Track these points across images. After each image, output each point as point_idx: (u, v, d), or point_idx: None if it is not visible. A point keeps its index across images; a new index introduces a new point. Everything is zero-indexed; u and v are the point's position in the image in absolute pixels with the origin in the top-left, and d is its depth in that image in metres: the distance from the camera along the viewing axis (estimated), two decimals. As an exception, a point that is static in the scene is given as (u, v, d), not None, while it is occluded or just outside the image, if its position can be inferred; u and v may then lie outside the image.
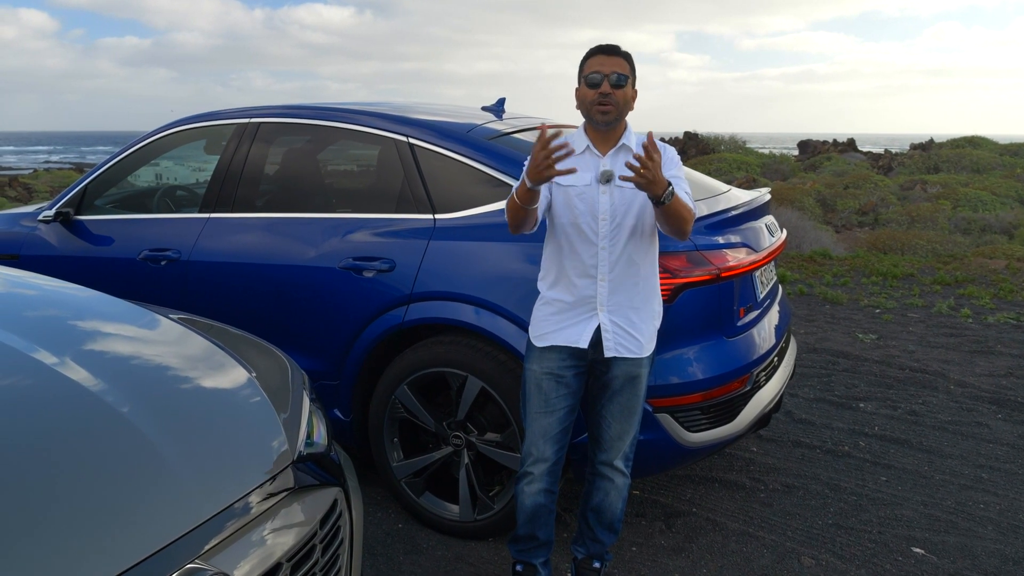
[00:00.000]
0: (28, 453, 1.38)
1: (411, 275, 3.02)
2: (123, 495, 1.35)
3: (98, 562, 1.22)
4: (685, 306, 2.77)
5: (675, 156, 2.43)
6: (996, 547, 3.07)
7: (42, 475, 1.33)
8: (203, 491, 1.44)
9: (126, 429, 1.48)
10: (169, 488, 1.41)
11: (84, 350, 1.78)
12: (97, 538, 1.26)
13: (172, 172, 9.42)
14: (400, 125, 3.29)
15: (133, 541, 1.28)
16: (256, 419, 1.71)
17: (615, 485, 2.54)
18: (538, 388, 2.46)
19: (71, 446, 1.42)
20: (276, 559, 1.46)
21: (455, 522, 3.08)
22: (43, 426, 1.46)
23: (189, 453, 1.50)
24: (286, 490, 1.59)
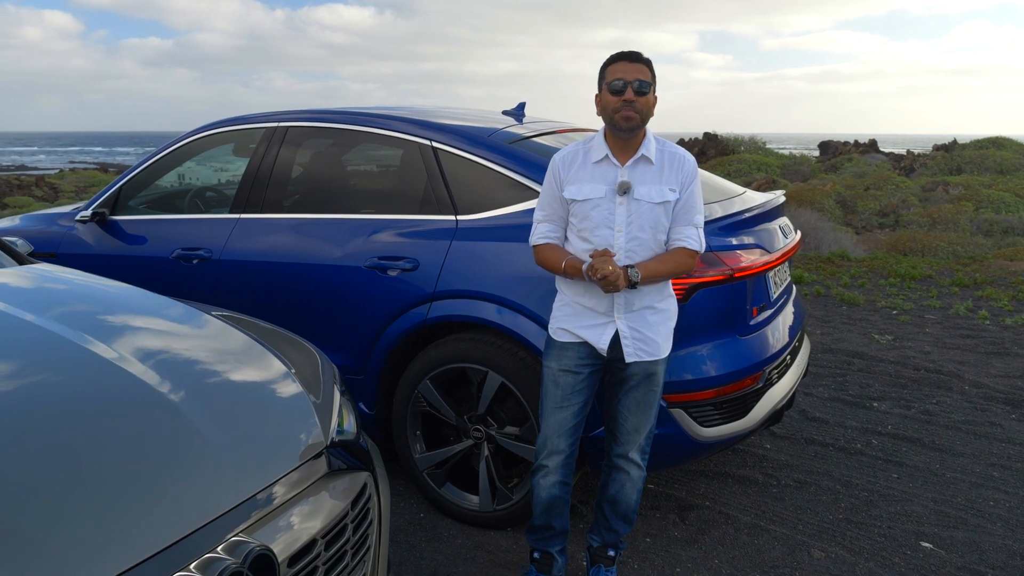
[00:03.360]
0: (88, 434, 1.50)
1: (434, 274, 3.13)
2: (174, 474, 1.47)
3: (153, 533, 1.34)
4: (699, 305, 2.87)
5: (692, 171, 2.50)
6: (1004, 543, 3.14)
7: (99, 455, 1.46)
8: (246, 472, 1.56)
9: (174, 414, 1.61)
10: (215, 469, 1.53)
11: (134, 342, 1.91)
12: (151, 512, 1.38)
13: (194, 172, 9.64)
14: (424, 129, 3.40)
15: (184, 515, 1.40)
16: (292, 408, 1.83)
17: (631, 477, 2.64)
18: (555, 384, 2.57)
19: (125, 429, 1.55)
20: (312, 535, 1.58)
21: (475, 512, 3.19)
22: (99, 410, 1.58)
23: (233, 437, 1.62)
24: (320, 473, 1.71)
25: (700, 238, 2.48)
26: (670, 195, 2.46)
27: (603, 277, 2.33)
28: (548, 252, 2.55)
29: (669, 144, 2.55)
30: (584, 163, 2.51)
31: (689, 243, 2.46)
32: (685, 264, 2.48)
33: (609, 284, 2.34)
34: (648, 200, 2.44)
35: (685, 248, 2.47)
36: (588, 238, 2.47)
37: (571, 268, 2.45)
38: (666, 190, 2.46)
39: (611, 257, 2.38)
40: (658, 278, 2.45)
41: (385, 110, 3.69)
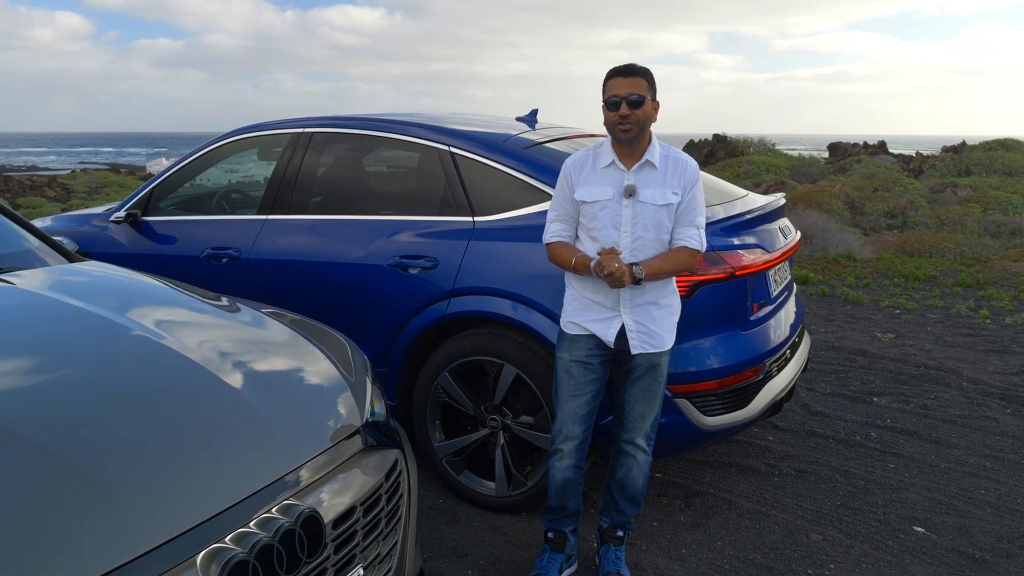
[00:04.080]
0: (157, 407, 1.70)
1: (453, 272, 3.32)
2: (233, 443, 1.67)
3: (219, 493, 1.53)
4: (702, 301, 3.05)
5: (694, 175, 2.68)
6: (993, 527, 3.30)
7: (169, 424, 1.65)
8: (294, 445, 1.76)
9: (231, 393, 1.80)
10: (269, 441, 1.73)
11: (186, 329, 2.11)
12: (217, 474, 1.57)
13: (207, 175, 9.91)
14: (442, 135, 3.59)
15: (243, 479, 1.59)
16: (332, 390, 2.03)
17: (637, 462, 2.83)
18: (568, 374, 2.75)
19: (188, 403, 1.75)
20: (352, 503, 1.77)
21: (491, 497, 3.38)
22: (164, 385, 1.78)
23: (283, 414, 1.82)
24: (357, 449, 1.90)
25: (701, 238, 2.66)
26: (672, 198, 2.64)
27: (609, 273, 2.51)
28: (560, 250, 2.73)
29: (673, 150, 2.73)
30: (593, 167, 2.69)
31: (691, 243, 2.64)
32: (687, 262, 2.66)
33: (615, 280, 2.52)
34: (652, 202, 2.62)
35: (687, 247, 2.65)
36: (596, 237, 2.65)
37: (580, 265, 2.64)
38: (669, 193, 2.64)
39: (617, 255, 2.56)
40: (661, 275, 2.63)
41: (404, 116, 3.88)
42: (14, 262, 2.54)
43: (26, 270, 2.49)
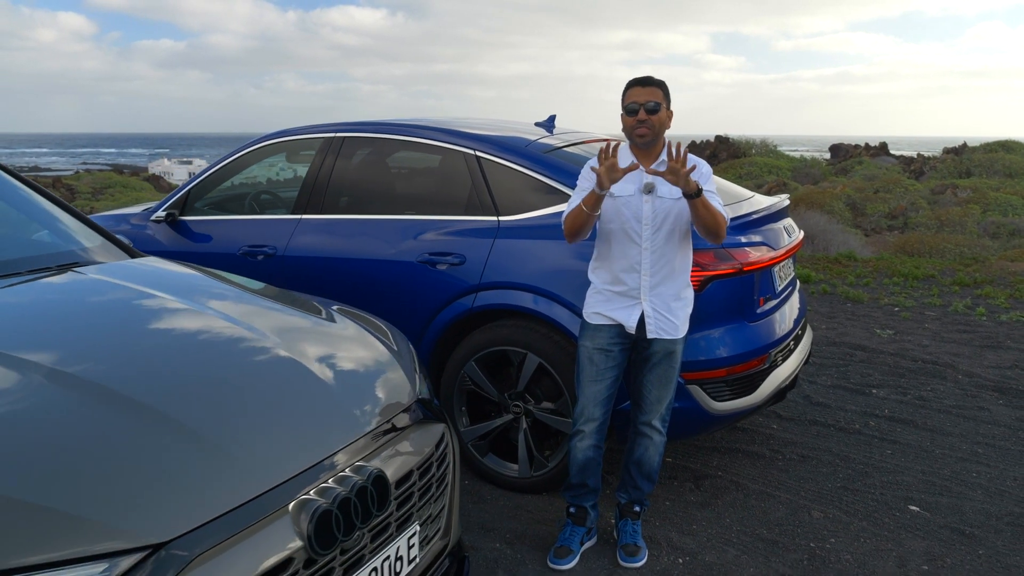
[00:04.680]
0: (247, 381, 1.95)
1: (479, 268, 3.57)
2: (313, 416, 1.92)
3: (305, 452, 1.78)
4: (712, 295, 3.29)
5: (708, 172, 2.93)
6: (983, 507, 3.54)
7: (257, 395, 1.90)
8: (361, 416, 2.00)
9: (307, 372, 2.05)
10: (339, 413, 1.98)
11: (255, 314, 2.36)
12: (301, 438, 1.82)
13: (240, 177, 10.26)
14: (468, 140, 3.84)
15: (322, 443, 1.84)
16: (388, 370, 2.27)
17: (653, 442, 3.07)
18: (590, 361, 3.00)
19: (270, 378, 1.99)
20: (410, 467, 2.01)
21: (514, 478, 3.62)
22: (249, 366, 2.03)
23: (348, 390, 2.06)
24: (411, 421, 2.15)
25: (725, 212, 2.85)
26: None
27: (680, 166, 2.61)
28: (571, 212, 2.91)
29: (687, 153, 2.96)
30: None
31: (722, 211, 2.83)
32: (723, 222, 2.81)
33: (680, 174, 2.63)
34: (669, 197, 2.86)
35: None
36: (622, 228, 2.88)
37: (590, 200, 2.77)
38: None
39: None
40: (708, 211, 2.74)
41: (432, 122, 4.13)
42: (85, 257, 2.78)
43: (95, 264, 2.73)
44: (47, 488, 1.44)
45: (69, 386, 1.74)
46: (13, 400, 1.68)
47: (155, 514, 1.48)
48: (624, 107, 2.86)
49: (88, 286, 2.47)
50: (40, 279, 2.48)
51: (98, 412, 1.67)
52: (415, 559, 2.04)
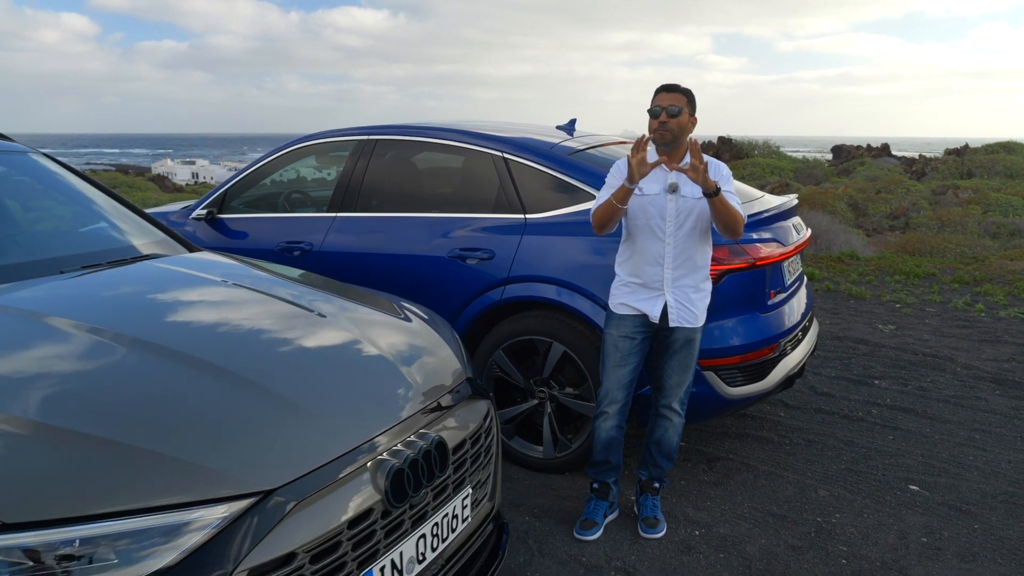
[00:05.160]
0: (322, 358, 2.20)
1: (507, 262, 3.81)
2: (382, 388, 2.17)
3: (379, 419, 2.03)
4: (727, 288, 3.53)
5: (728, 173, 3.17)
6: (978, 486, 3.79)
7: (333, 371, 2.15)
8: (422, 390, 2.25)
9: (375, 350, 2.30)
10: (404, 387, 2.22)
11: (322, 304, 2.61)
12: (375, 409, 2.07)
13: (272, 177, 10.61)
14: (496, 143, 4.08)
15: (392, 412, 2.09)
16: (441, 351, 2.52)
17: (672, 423, 3.31)
18: (615, 347, 3.24)
19: (340, 357, 2.24)
20: (463, 436, 2.26)
21: (539, 459, 3.86)
22: (325, 343, 2.28)
23: (411, 367, 2.31)
24: (464, 396, 2.40)
25: (743, 210, 3.09)
26: None
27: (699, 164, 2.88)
28: (601, 206, 3.16)
29: (708, 157, 3.21)
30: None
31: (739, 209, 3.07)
32: (740, 217, 3.05)
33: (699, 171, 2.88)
34: (692, 196, 3.11)
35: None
36: (648, 225, 3.12)
37: (619, 194, 3.02)
38: None
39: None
40: (726, 208, 2.99)
41: (459, 125, 4.37)
42: (154, 250, 3.03)
43: (164, 256, 2.98)
44: (177, 443, 1.69)
45: (176, 360, 2.00)
46: (134, 372, 1.94)
47: (263, 466, 1.73)
48: (649, 110, 3.10)
49: (166, 275, 2.73)
50: (121, 267, 2.73)
51: (205, 383, 1.93)
52: (467, 519, 2.29)
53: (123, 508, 1.53)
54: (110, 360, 1.98)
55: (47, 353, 2.00)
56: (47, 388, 1.81)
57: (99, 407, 1.76)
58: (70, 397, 1.79)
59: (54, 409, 1.72)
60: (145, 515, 1.54)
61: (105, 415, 1.73)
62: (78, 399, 1.79)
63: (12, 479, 1.52)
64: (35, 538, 1.45)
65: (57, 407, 1.73)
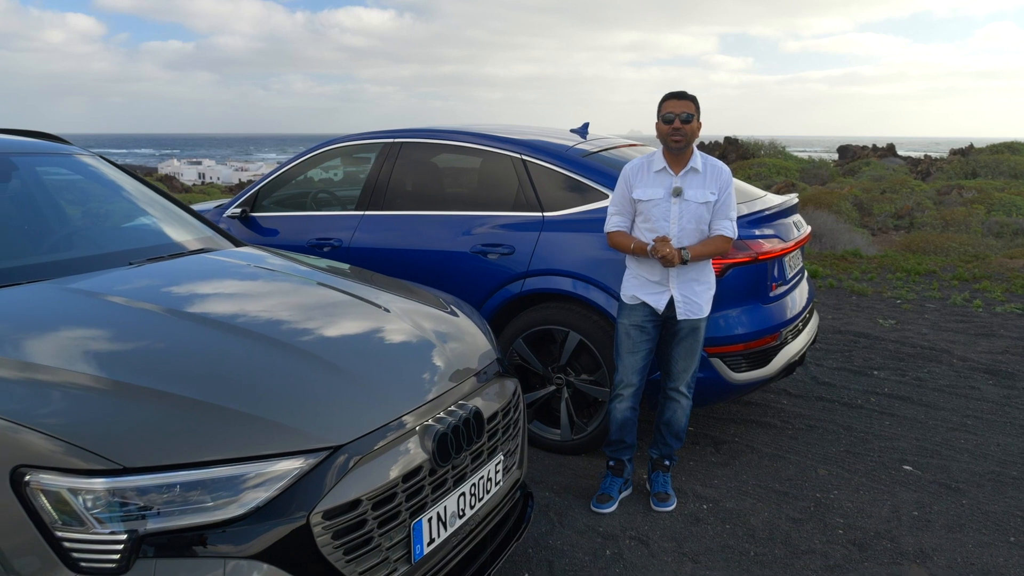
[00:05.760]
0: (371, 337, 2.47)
1: (527, 257, 4.08)
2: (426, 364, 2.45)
3: (425, 391, 2.30)
4: (732, 280, 3.80)
5: (728, 178, 3.43)
6: (968, 467, 4.05)
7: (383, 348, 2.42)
8: (461, 367, 2.53)
9: (418, 331, 2.58)
10: (444, 363, 2.50)
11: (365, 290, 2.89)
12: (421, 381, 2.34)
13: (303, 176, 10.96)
14: (515, 145, 4.36)
15: (435, 384, 2.36)
16: (474, 334, 2.80)
17: (681, 405, 3.58)
18: (627, 335, 3.51)
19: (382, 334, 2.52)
20: (495, 408, 2.54)
21: (557, 441, 4.13)
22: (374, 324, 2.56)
23: (450, 346, 2.59)
24: (495, 373, 2.67)
25: (734, 228, 3.40)
26: (711, 196, 3.39)
27: (663, 256, 3.26)
28: (619, 238, 3.47)
29: (711, 158, 3.48)
30: (648, 172, 3.45)
31: (725, 231, 3.38)
32: (722, 247, 3.40)
33: (667, 261, 3.27)
34: (695, 200, 3.38)
35: (723, 235, 3.39)
36: (650, 228, 3.40)
37: (638, 249, 3.38)
38: (708, 193, 3.39)
39: (669, 242, 3.31)
40: (703, 257, 3.38)
41: (480, 128, 4.65)
42: (205, 244, 3.32)
43: (216, 250, 3.27)
44: (262, 406, 1.98)
45: (251, 338, 2.28)
46: (218, 347, 2.22)
47: (332, 426, 2.00)
48: (661, 116, 3.37)
49: (221, 266, 3.01)
50: (180, 259, 3.02)
51: (279, 357, 2.21)
52: (499, 483, 2.56)
53: (220, 457, 1.80)
54: (198, 338, 2.27)
55: (143, 331, 2.28)
56: (150, 359, 2.10)
57: (197, 376, 2.05)
58: (171, 367, 2.08)
59: (160, 376, 2.00)
60: (237, 464, 1.81)
61: (203, 383, 2.02)
62: (180, 369, 2.07)
63: (130, 432, 1.80)
64: (149, 480, 1.73)
65: (162, 375, 2.02)
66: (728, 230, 3.40)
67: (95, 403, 1.86)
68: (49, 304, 2.41)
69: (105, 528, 1.69)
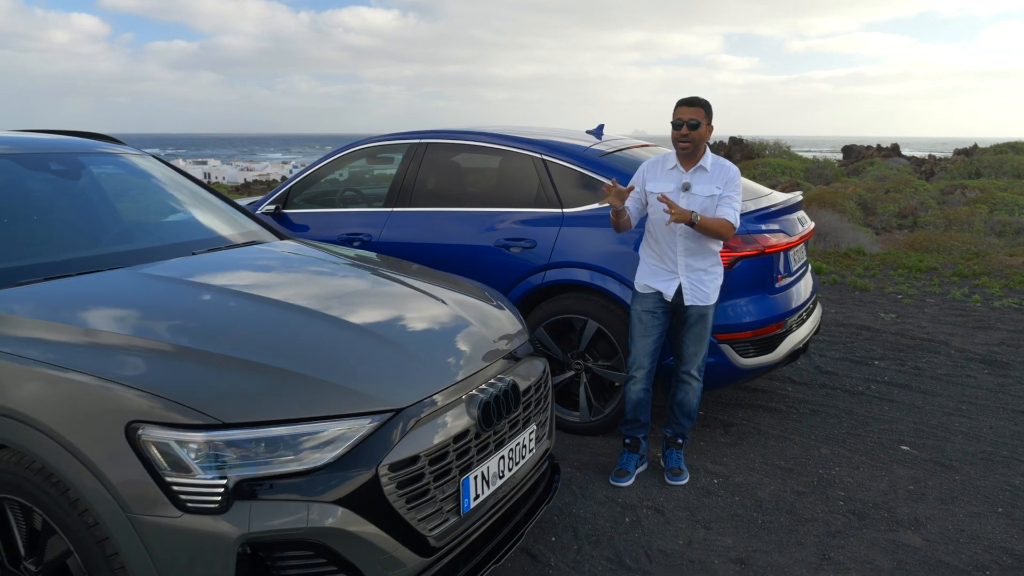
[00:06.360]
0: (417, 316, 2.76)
1: (548, 251, 4.36)
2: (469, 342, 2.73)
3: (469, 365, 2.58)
4: (740, 272, 4.07)
5: (735, 176, 3.71)
6: (961, 447, 4.32)
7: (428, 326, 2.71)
8: (498, 345, 2.81)
9: (459, 314, 2.87)
10: (485, 342, 2.78)
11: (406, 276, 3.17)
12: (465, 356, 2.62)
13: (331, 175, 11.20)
14: (536, 146, 4.64)
15: (479, 360, 2.65)
16: (507, 317, 3.09)
17: (692, 387, 3.85)
18: (640, 320, 3.79)
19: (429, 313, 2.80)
20: (529, 383, 2.82)
21: (576, 423, 4.41)
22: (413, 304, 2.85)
23: (488, 326, 2.88)
24: (528, 352, 2.95)
25: (736, 217, 3.65)
26: (716, 191, 3.66)
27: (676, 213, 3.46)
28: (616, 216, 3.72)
29: (720, 159, 3.76)
30: (662, 169, 3.74)
31: (729, 216, 3.62)
32: (726, 229, 3.60)
33: (681, 216, 3.47)
34: (701, 194, 3.66)
35: (726, 220, 3.63)
36: (662, 217, 3.67)
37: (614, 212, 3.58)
38: (713, 188, 3.67)
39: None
40: (708, 228, 3.55)
41: (502, 130, 4.93)
42: (256, 237, 3.61)
43: (265, 242, 3.55)
44: (335, 374, 2.26)
45: (316, 317, 2.57)
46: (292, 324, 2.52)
47: (394, 392, 2.29)
48: (672, 122, 3.65)
49: (274, 255, 3.31)
50: (237, 249, 3.32)
51: (343, 332, 2.50)
52: (532, 450, 2.85)
53: (302, 416, 2.09)
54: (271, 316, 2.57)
55: (221, 310, 2.58)
56: (235, 334, 2.39)
57: (277, 348, 2.34)
58: (254, 341, 2.37)
59: (245, 348, 2.30)
60: (316, 422, 2.10)
61: (282, 354, 2.31)
62: (261, 342, 2.37)
63: (226, 393, 2.09)
64: (243, 434, 2.02)
65: (247, 347, 2.31)
66: (731, 216, 3.64)
67: (194, 370, 2.15)
68: (133, 287, 2.71)
69: (207, 474, 1.97)
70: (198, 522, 1.95)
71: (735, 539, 3.36)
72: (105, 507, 1.96)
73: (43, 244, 2.98)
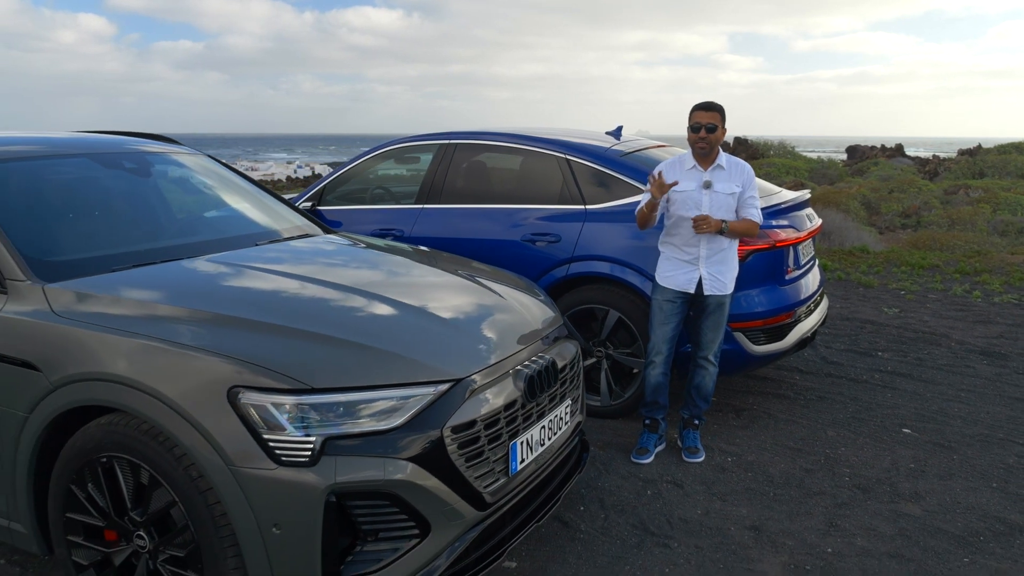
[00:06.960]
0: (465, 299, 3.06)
1: (571, 245, 4.66)
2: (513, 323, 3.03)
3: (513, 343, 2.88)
4: (753, 264, 4.37)
5: (750, 173, 4.01)
6: (960, 430, 4.61)
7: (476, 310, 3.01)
8: (538, 327, 3.11)
9: (502, 298, 3.17)
10: (526, 323, 3.08)
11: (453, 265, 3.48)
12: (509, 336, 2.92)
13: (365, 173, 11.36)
14: (559, 146, 4.94)
15: (522, 339, 2.94)
16: (544, 302, 3.39)
17: (708, 371, 4.15)
18: (660, 309, 4.09)
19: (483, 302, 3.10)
20: (564, 362, 3.12)
21: (597, 407, 4.71)
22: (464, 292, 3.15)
23: (529, 309, 3.18)
24: (563, 334, 3.26)
25: (759, 215, 3.96)
26: (736, 188, 3.96)
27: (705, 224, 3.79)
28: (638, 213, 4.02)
29: (732, 157, 4.06)
30: (681, 168, 4.03)
31: (753, 216, 3.94)
32: (752, 229, 3.95)
33: (709, 227, 3.80)
34: (722, 192, 3.95)
35: (751, 220, 3.95)
36: (683, 215, 3.97)
37: (649, 204, 3.92)
38: (733, 185, 3.96)
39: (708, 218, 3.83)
40: (738, 231, 3.91)
41: (527, 131, 5.23)
42: (309, 230, 3.91)
43: (315, 235, 3.86)
44: (404, 348, 2.57)
45: (380, 300, 2.87)
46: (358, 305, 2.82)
47: (455, 365, 2.59)
48: (689, 125, 3.95)
49: (330, 246, 3.62)
50: (294, 240, 3.63)
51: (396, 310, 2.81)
52: (567, 422, 3.15)
53: (379, 383, 2.39)
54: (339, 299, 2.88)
55: (297, 292, 2.88)
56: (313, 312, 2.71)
57: (350, 326, 2.65)
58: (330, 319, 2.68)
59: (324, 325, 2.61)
60: (391, 388, 2.40)
61: (356, 330, 2.62)
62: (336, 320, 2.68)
63: (314, 362, 2.39)
64: (330, 398, 2.32)
65: (325, 324, 2.62)
66: (755, 215, 3.96)
67: (283, 343, 2.46)
68: (215, 273, 3.01)
69: (298, 432, 2.28)
70: (291, 474, 2.26)
71: (749, 509, 3.66)
72: (209, 461, 2.27)
73: (125, 235, 3.29)
